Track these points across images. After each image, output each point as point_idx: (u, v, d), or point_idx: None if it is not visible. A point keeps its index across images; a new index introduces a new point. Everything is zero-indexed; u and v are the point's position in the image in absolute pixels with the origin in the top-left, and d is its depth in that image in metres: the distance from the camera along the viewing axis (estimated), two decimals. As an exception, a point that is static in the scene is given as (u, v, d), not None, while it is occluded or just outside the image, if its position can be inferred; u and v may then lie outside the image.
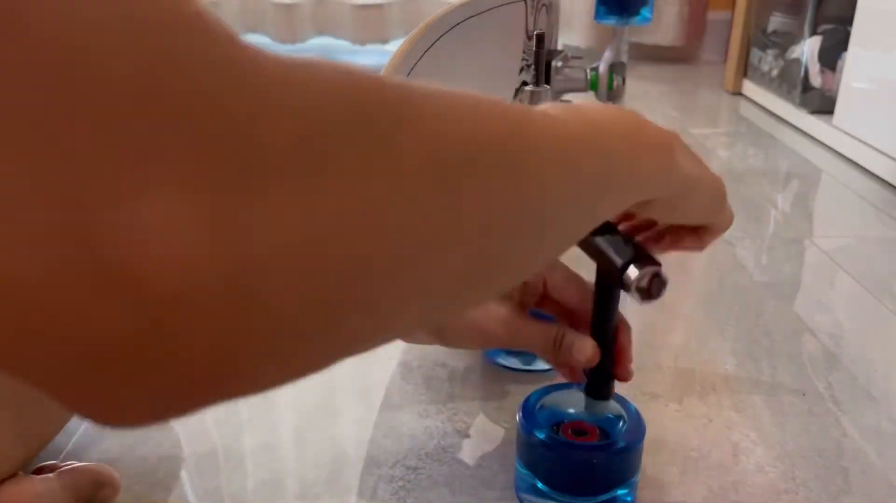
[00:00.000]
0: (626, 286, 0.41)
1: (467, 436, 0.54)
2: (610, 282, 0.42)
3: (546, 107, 0.30)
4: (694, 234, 0.42)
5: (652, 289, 0.40)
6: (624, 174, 0.31)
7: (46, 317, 0.15)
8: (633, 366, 0.46)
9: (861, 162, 1.17)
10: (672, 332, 0.69)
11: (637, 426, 0.46)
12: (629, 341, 0.46)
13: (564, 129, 0.28)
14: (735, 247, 0.88)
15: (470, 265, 0.23)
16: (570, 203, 0.28)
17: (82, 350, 0.15)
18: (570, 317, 0.48)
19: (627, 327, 0.46)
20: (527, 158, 0.24)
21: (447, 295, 0.23)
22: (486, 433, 0.54)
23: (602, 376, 0.45)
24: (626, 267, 0.40)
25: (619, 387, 0.46)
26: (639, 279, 0.40)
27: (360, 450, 0.52)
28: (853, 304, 0.75)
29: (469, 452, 0.52)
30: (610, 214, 0.32)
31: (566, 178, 0.27)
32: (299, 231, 0.17)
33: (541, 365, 0.60)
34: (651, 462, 0.51)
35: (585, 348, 0.44)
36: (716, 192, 0.40)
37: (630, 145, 0.32)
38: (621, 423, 0.46)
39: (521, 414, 0.47)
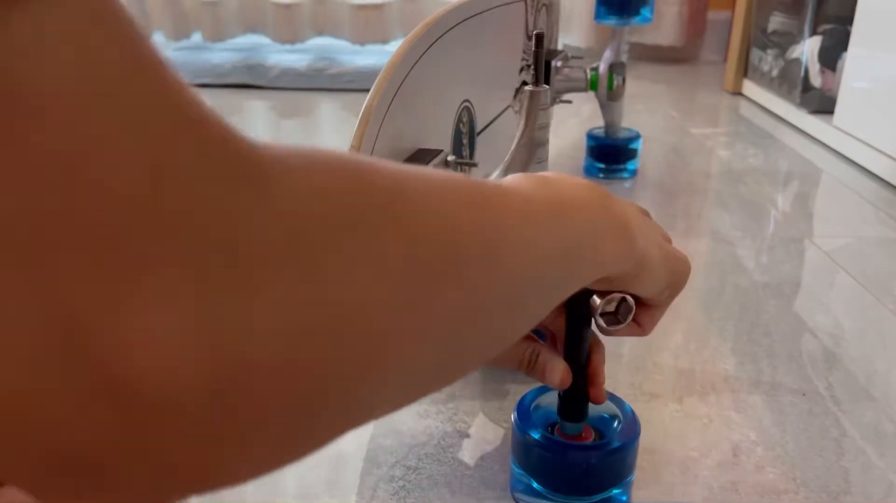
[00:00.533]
0: (592, 310, 0.40)
1: (467, 436, 0.54)
2: (580, 304, 0.42)
3: (520, 181, 0.31)
4: (639, 317, 0.42)
5: (619, 315, 0.40)
6: (588, 257, 0.33)
7: (36, 423, 0.15)
8: (605, 387, 0.46)
9: (861, 162, 1.17)
10: (672, 332, 0.69)
11: (632, 425, 0.46)
12: (602, 363, 0.46)
13: (538, 213, 0.29)
14: (735, 247, 0.88)
15: (447, 353, 0.24)
16: (540, 286, 0.29)
17: (67, 456, 0.15)
18: (549, 336, 0.48)
19: (601, 348, 0.46)
20: (502, 248, 0.26)
21: (423, 381, 0.24)
22: (486, 433, 0.54)
23: (575, 398, 0.45)
24: (591, 291, 0.40)
25: (618, 387, 0.46)
26: (605, 304, 0.40)
27: (360, 450, 0.52)
28: (853, 304, 0.75)
29: (469, 452, 0.52)
30: (573, 290, 0.34)
31: (537, 265, 0.28)
32: (285, 330, 0.17)
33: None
34: (651, 462, 0.51)
35: (557, 370, 0.44)
36: (675, 272, 0.41)
37: (597, 228, 0.33)
38: (616, 423, 0.46)
39: (515, 414, 0.47)
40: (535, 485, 0.46)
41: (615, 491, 0.45)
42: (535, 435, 0.45)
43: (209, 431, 0.16)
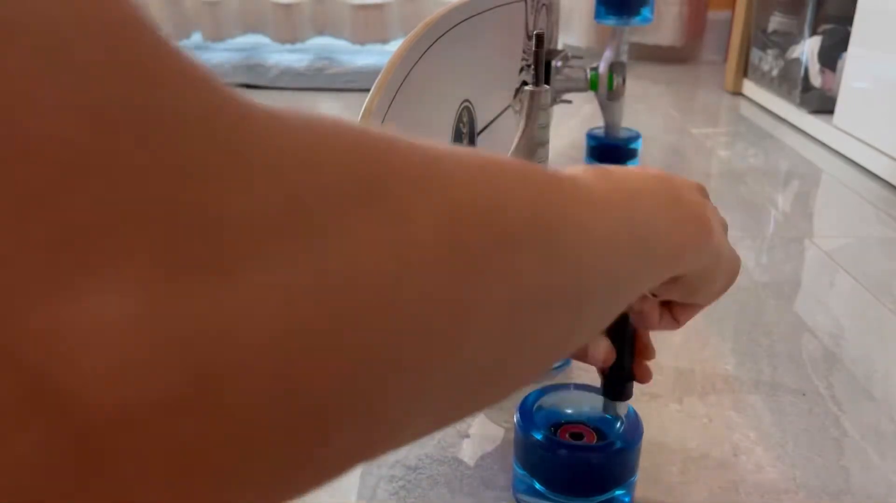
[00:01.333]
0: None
1: (467, 436, 0.54)
2: None
3: (577, 171, 0.28)
4: (676, 312, 0.41)
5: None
6: (662, 249, 0.29)
7: None
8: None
9: (861, 162, 1.17)
10: (672, 332, 0.68)
11: (635, 426, 0.46)
12: (649, 338, 0.45)
13: (601, 200, 0.25)
14: (735, 246, 0.87)
15: (493, 355, 0.20)
16: (608, 281, 0.25)
17: None
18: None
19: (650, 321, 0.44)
20: (560, 233, 0.22)
21: (466, 391, 0.20)
22: (486, 433, 0.54)
23: (620, 376, 0.44)
24: None
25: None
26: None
27: (360, 450, 0.52)
28: (853, 304, 0.75)
29: (469, 452, 0.52)
30: (646, 289, 0.30)
31: (603, 255, 0.24)
32: (279, 319, 0.13)
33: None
34: (651, 462, 0.51)
35: (599, 349, 0.43)
36: (734, 269, 0.38)
37: (669, 218, 0.30)
38: (619, 424, 0.46)
39: (518, 414, 0.47)
40: (537, 485, 0.46)
41: (618, 491, 0.45)
42: (538, 436, 0.45)
43: (187, 449, 0.12)
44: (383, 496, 0.48)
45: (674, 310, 0.41)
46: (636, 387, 0.59)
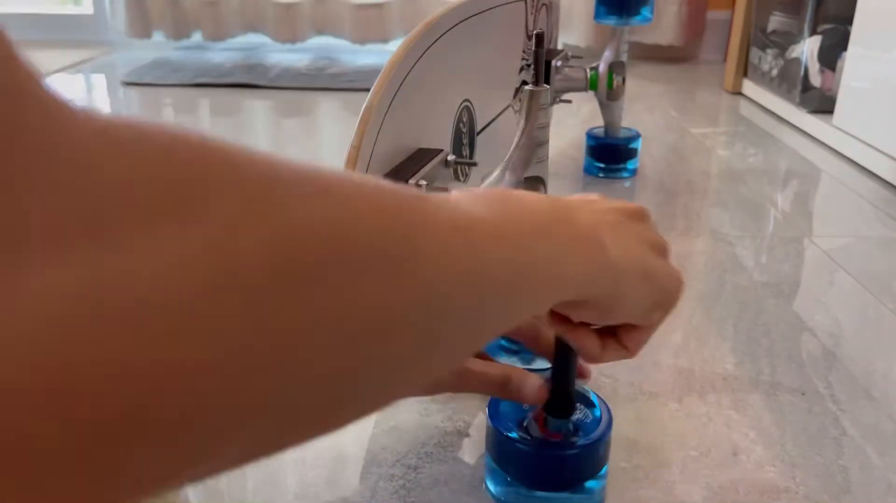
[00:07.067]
0: None
1: (467, 435, 0.54)
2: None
3: (463, 196, 0.27)
4: (622, 338, 0.39)
5: None
6: (543, 277, 0.28)
7: None
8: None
9: (861, 161, 1.17)
10: (672, 332, 0.69)
11: (603, 421, 0.46)
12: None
13: (468, 218, 0.25)
14: (735, 246, 0.88)
15: (325, 381, 0.19)
16: (472, 304, 0.24)
17: None
18: (534, 342, 0.48)
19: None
20: (411, 258, 0.21)
21: (292, 419, 0.20)
22: (485, 433, 0.54)
23: (563, 397, 0.45)
24: None
25: (618, 387, 0.46)
26: None
27: (360, 449, 0.52)
28: (853, 304, 0.75)
29: (469, 452, 0.52)
30: (525, 316, 0.29)
31: (465, 276, 0.23)
32: (46, 327, 0.13)
33: (540, 363, 0.60)
34: (651, 461, 0.51)
35: (532, 389, 0.44)
36: (666, 287, 0.37)
37: (550, 238, 0.29)
38: (590, 418, 0.47)
39: (488, 403, 0.47)
40: (507, 477, 0.46)
41: (590, 483, 0.45)
42: (500, 427, 0.45)
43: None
44: (383, 495, 0.48)
45: (620, 337, 0.39)
46: (636, 386, 0.59)
